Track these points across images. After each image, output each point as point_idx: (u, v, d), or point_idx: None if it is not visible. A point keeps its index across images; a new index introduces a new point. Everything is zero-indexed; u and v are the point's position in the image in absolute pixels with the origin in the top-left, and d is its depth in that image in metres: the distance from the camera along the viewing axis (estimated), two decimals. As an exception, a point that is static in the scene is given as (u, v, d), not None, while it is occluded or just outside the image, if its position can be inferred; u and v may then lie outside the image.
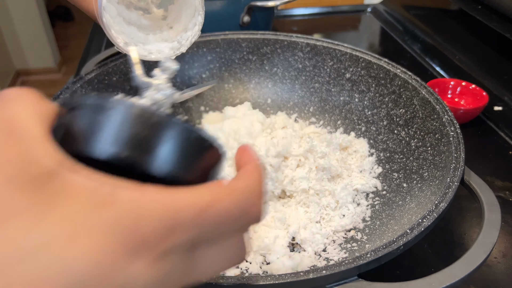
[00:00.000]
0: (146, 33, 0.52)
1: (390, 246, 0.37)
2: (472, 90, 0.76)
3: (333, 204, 0.53)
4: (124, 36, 0.50)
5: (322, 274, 0.34)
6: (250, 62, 0.73)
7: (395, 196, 0.53)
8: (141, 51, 0.51)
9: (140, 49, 0.51)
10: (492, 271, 0.50)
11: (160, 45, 0.52)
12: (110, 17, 0.49)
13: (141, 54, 0.50)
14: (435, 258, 0.51)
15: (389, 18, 1.17)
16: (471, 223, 0.56)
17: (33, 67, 2.68)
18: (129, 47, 0.50)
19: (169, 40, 0.53)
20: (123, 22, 0.51)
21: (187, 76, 0.71)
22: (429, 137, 0.53)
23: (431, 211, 0.40)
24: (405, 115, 0.59)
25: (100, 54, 0.72)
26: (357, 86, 0.66)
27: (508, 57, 0.82)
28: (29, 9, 2.44)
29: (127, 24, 0.51)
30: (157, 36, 0.53)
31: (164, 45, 0.52)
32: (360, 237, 0.50)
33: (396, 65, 0.62)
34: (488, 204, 0.43)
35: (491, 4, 0.84)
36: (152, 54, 0.51)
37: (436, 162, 0.49)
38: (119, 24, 0.50)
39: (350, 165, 0.60)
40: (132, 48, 0.50)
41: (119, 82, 0.64)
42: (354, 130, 0.66)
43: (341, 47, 0.68)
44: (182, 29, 0.53)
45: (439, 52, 0.97)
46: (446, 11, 1.02)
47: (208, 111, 0.72)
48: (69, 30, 3.29)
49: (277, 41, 0.71)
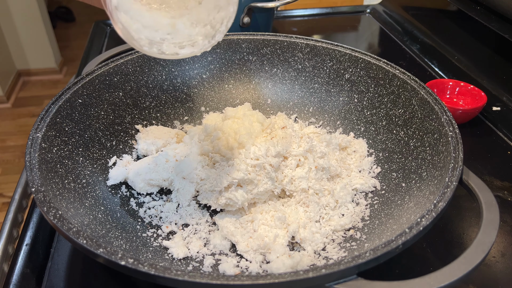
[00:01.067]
0: (172, 17, 0.43)
1: (389, 245, 0.37)
2: (470, 90, 0.77)
3: (332, 203, 0.54)
4: (147, 31, 0.41)
5: (321, 273, 0.35)
6: (250, 63, 0.73)
7: (394, 196, 0.53)
8: (171, 48, 0.42)
9: (169, 46, 0.42)
10: (491, 270, 0.50)
11: (191, 32, 0.43)
12: (125, 12, 0.39)
13: (171, 53, 0.43)
14: (434, 257, 0.51)
15: (388, 19, 1.17)
16: (469, 223, 0.56)
17: (34, 67, 2.68)
18: (156, 47, 0.42)
19: (201, 23, 0.43)
20: (142, 9, 0.41)
21: (187, 76, 0.72)
22: (427, 137, 0.53)
23: (429, 210, 0.41)
24: (404, 115, 0.59)
25: (101, 55, 0.72)
26: (356, 87, 0.67)
27: (506, 58, 0.82)
28: (30, 9, 2.44)
29: (147, 10, 0.41)
30: (185, 20, 0.43)
31: (196, 31, 0.43)
32: (359, 236, 0.50)
33: (395, 65, 0.62)
34: (486, 204, 0.43)
35: (489, 5, 0.84)
36: (184, 48, 0.43)
37: (435, 162, 0.50)
38: (137, 15, 0.40)
39: (349, 165, 0.61)
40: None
41: (120, 83, 0.65)
42: (353, 130, 0.66)
43: (340, 48, 0.68)
44: (213, 5, 0.43)
45: (438, 52, 0.97)
46: (445, 11, 1.02)
47: (208, 111, 0.72)
48: (70, 31, 3.30)
49: (277, 42, 0.72)
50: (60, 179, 0.49)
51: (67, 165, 0.51)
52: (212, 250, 0.50)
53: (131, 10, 0.40)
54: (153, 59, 0.68)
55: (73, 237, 0.38)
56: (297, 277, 0.34)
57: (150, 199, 0.57)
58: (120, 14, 0.39)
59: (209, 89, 0.73)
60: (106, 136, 0.61)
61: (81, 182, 0.52)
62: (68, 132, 0.55)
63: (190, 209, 0.55)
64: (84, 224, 0.45)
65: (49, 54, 2.65)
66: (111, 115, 0.62)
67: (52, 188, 0.45)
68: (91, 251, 0.37)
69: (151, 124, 0.68)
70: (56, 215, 0.40)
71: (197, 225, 0.54)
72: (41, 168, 0.46)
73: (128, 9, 0.40)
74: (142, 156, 0.64)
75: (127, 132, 0.64)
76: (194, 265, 0.48)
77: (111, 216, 0.51)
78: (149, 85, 0.68)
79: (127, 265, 0.36)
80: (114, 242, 0.46)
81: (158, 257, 0.48)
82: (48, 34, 2.59)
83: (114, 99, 0.63)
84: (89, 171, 0.55)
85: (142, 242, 0.50)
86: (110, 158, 0.60)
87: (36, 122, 0.51)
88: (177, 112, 0.71)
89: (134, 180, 0.57)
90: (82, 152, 0.56)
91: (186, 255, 0.49)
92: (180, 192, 0.56)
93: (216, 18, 0.43)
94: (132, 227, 0.52)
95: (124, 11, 0.40)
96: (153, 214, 0.55)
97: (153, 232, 0.52)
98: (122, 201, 0.56)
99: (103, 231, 0.47)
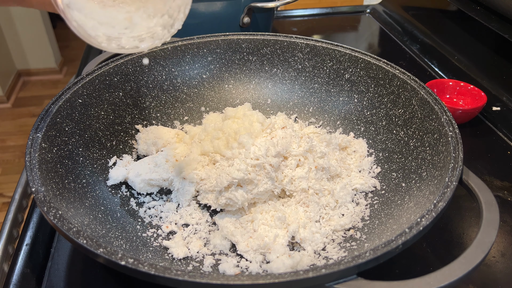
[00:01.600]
0: (128, 12, 0.42)
1: (389, 245, 0.37)
2: (470, 90, 0.77)
3: (332, 203, 0.54)
4: (104, 28, 0.39)
5: (321, 273, 0.35)
6: (250, 63, 0.73)
7: (394, 196, 0.53)
8: (130, 42, 0.41)
9: (129, 40, 0.41)
10: (491, 270, 0.50)
11: (149, 24, 0.42)
12: (78, 11, 0.38)
13: (131, 46, 0.41)
14: (433, 257, 0.51)
15: (388, 19, 1.17)
16: (469, 223, 0.56)
17: (34, 67, 2.68)
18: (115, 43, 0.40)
19: (158, 14, 0.42)
20: (95, 7, 0.40)
21: (187, 76, 0.72)
22: (427, 137, 0.53)
23: (429, 210, 0.41)
24: (404, 115, 0.59)
25: (101, 55, 0.72)
26: (356, 87, 0.67)
27: (506, 58, 0.82)
28: (30, 9, 2.44)
29: (101, 7, 0.40)
30: (142, 13, 0.42)
31: (153, 22, 0.42)
32: (359, 236, 0.50)
33: (395, 65, 0.62)
34: (486, 204, 0.43)
35: (489, 5, 0.84)
36: (144, 41, 0.41)
37: (435, 162, 0.50)
38: (91, 13, 0.39)
39: (349, 165, 0.61)
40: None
41: (120, 83, 0.65)
42: (353, 130, 0.66)
43: (340, 48, 0.68)
44: None
45: (437, 52, 0.97)
46: (444, 11, 1.02)
47: (208, 111, 0.72)
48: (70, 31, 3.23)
49: (277, 42, 0.72)
50: (60, 179, 0.49)
51: (67, 165, 0.51)
52: (212, 250, 0.50)
53: (84, 9, 0.39)
54: (153, 59, 0.68)
55: (73, 237, 0.38)
56: (297, 277, 0.34)
57: (150, 199, 0.57)
58: (74, 12, 0.38)
59: (209, 89, 0.73)
60: (106, 136, 0.61)
61: (81, 182, 0.52)
62: (68, 132, 0.55)
63: (190, 209, 0.55)
64: (84, 224, 0.45)
65: (49, 54, 2.65)
66: (111, 115, 0.62)
67: (52, 188, 0.45)
68: (91, 251, 0.37)
69: (151, 124, 0.68)
70: (56, 215, 0.40)
71: (197, 225, 0.54)
72: (41, 168, 0.46)
73: (81, 7, 0.38)
74: (142, 156, 0.64)
75: (127, 132, 0.64)
76: (194, 265, 0.48)
77: (111, 216, 0.51)
78: (149, 85, 0.68)
79: (127, 265, 0.36)
80: (114, 242, 0.46)
81: (158, 257, 0.48)
82: (48, 34, 2.59)
83: (114, 99, 0.63)
84: (89, 171, 0.55)
85: (142, 242, 0.50)
86: (110, 158, 0.60)
87: (36, 122, 0.51)
88: (177, 112, 0.71)
89: (134, 180, 0.57)
90: (82, 152, 0.56)
91: (186, 255, 0.49)
92: (180, 192, 0.56)
93: (172, 6, 0.42)
94: (132, 227, 0.52)
95: (77, 9, 0.38)
96: (153, 214, 0.55)
97: (153, 232, 0.52)
98: (122, 201, 0.56)
99: (103, 231, 0.47)
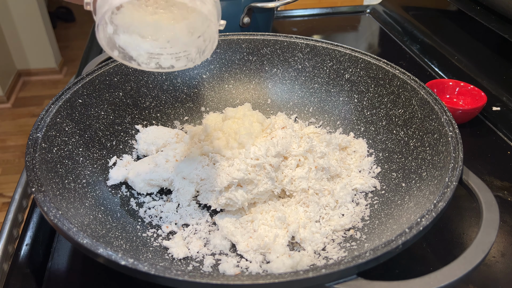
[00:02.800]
0: (174, 19, 0.42)
1: (389, 245, 0.37)
2: (470, 90, 0.77)
3: (332, 203, 0.54)
4: (147, 44, 0.40)
5: (321, 273, 0.35)
6: (250, 63, 0.73)
7: (394, 196, 0.53)
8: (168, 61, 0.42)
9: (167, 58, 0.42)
10: (491, 270, 0.50)
11: (188, 40, 0.42)
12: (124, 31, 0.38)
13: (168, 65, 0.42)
14: (433, 257, 0.51)
15: (388, 19, 1.17)
16: (469, 223, 0.56)
17: (35, 67, 2.68)
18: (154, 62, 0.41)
19: (196, 32, 0.42)
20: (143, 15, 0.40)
21: (187, 76, 0.72)
22: (427, 137, 0.53)
23: (429, 210, 0.41)
24: (404, 115, 0.59)
25: (101, 55, 0.72)
26: (356, 87, 0.67)
27: (506, 58, 0.82)
28: (30, 10, 2.44)
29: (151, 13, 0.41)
30: (184, 26, 0.42)
31: (192, 40, 0.42)
32: (359, 236, 0.50)
33: (395, 65, 0.62)
34: (486, 204, 0.43)
35: (489, 5, 0.84)
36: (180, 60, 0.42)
37: (435, 162, 0.50)
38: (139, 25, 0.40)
39: (349, 165, 0.61)
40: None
41: (120, 83, 0.65)
42: (353, 130, 0.66)
43: (340, 48, 0.68)
44: (205, 17, 0.41)
45: (438, 52, 0.97)
46: (445, 12, 1.02)
47: (208, 111, 0.72)
48: (70, 31, 3.29)
49: (277, 42, 0.72)
50: (60, 179, 0.49)
51: (67, 165, 0.51)
52: (212, 250, 0.50)
53: (132, 24, 0.39)
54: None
55: (73, 237, 0.38)
56: (297, 277, 0.34)
57: (150, 199, 0.57)
58: (118, 38, 0.39)
59: (209, 89, 0.73)
60: (106, 136, 0.61)
61: (81, 182, 0.52)
62: (68, 132, 0.55)
63: (190, 209, 0.55)
64: (84, 224, 0.45)
65: (49, 54, 2.65)
66: (111, 115, 0.62)
67: (52, 188, 0.45)
68: (91, 251, 0.37)
69: (151, 124, 0.68)
70: (56, 215, 0.40)
71: (197, 225, 0.54)
72: (41, 168, 0.46)
73: (128, 23, 0.39)
74: (142, 156, 0.64)
75: (127, 132, 0.64)
76: (194, 265, 0.48)
77: (111, 216, 0.51)
78: (149, 85, 0.68)
79: (127, 265, 0.36)
80: (114, 242, 0.46)
81: (158, 257, 0.48)
82: (48, 34, 2.59)
83: (114, 99, 0.63)
84: (89, 171, 0.55)
85: (142, 242, 0.50)
86: (110, 158, 0.60)
87: (36, 122, 0.51)
88: (177, 112, 0.71)
89: (134, 180, 0.57)
90: (82, 152, 0.56)
91: (186, 255, 0.49)
92: (180, 192, 0.56)
93: (207, 31, 0.42)
94: (132, 227, 0.52)
95: (124, 28, 0.39)
96: (153, 214, 0.55)
97: (153, 232, 0.52)
98: (122, 201, 0.56)
99: (103, 231, 0.47)
